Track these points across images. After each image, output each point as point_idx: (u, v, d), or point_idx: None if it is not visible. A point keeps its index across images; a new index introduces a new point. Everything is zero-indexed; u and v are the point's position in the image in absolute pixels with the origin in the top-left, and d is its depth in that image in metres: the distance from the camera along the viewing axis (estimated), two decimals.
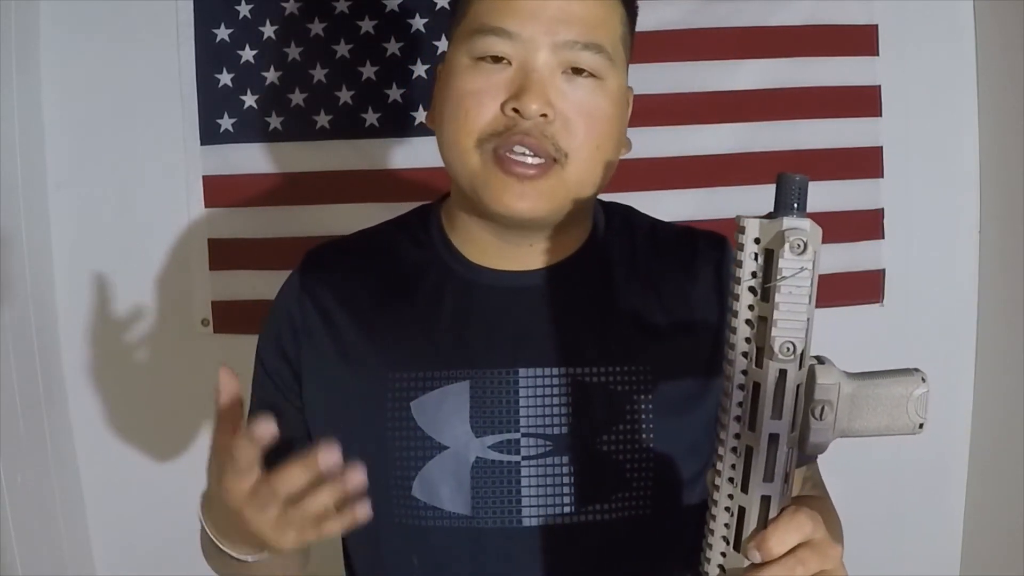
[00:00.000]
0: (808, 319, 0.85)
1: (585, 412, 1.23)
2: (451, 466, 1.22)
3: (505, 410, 1.22)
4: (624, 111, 1.26)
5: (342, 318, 1.30)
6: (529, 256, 1.28)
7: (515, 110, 1.14)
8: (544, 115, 1.14)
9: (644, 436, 1.23)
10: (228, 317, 2.25)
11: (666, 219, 1.41)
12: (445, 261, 1.31)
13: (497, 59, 1.17)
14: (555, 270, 1.29)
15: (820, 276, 0.85)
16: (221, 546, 1.17)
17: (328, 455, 1.01)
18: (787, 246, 0.82)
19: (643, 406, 1.23)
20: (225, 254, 2.24)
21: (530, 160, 1.16)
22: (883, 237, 2.27)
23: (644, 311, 1.28)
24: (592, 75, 1.17)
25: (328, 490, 1.02)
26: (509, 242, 1.26)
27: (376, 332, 1.28)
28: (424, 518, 1.23)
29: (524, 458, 1.22)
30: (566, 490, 1.22)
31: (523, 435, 1.22)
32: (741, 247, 0.87)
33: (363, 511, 1.03)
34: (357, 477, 1.02)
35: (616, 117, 1.22)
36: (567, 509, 1.22)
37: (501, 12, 1.16)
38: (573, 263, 1.30)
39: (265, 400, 1.37)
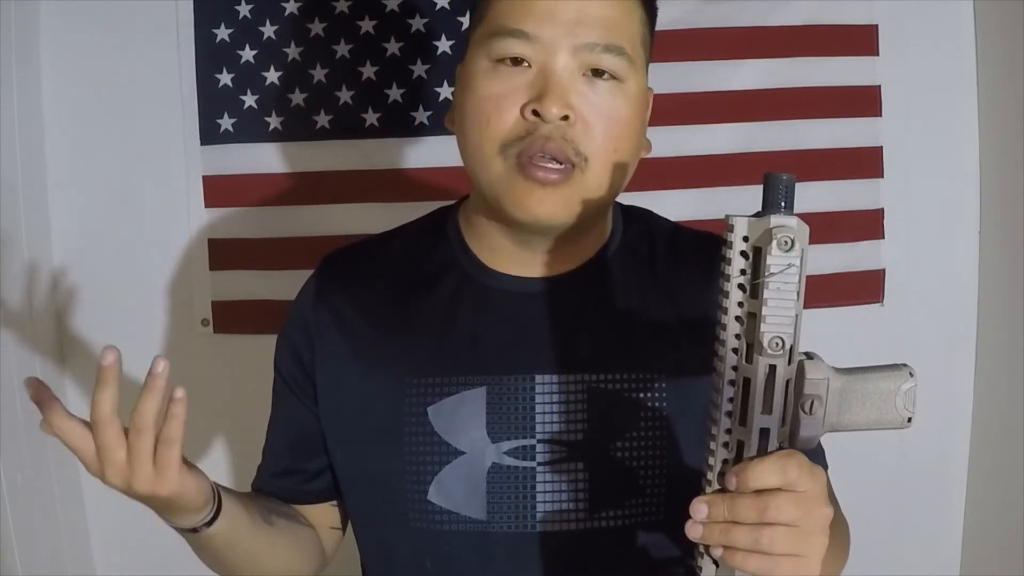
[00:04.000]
0: (796, 315, 0.86)
1: (600, 419, 1.23)
2: (467, 471, 1.23)
3: (521, 416, 1.23)
4: (644, 113, 1.26)
5: (359, 323, 1.31)
6: (547, 262, 1.28)
7: (535, 113, 1.13)
8: (565, 117, 1.14)
9: (658, 443, 1.23)
10: (228, 317, 2.25)
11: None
12: (463, 266, 1.31)
13: (516, 61, 1.16)
14: (572, 276, 1.28)
15: (820, 276, 0.86)
16: (176, 527, 1.20)
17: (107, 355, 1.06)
18: (775, 243, 0.84)
19: (657, 413, 1.23)
20: (225, 254, 2.24)
21: (552, 166, 1.15)
22: (883, 237, 2.26)
23: (660, 318, 1.27)
24: (612, 77, 1.17)
25: (147, 395, 1.09)
26: (527, 247, 1.26)
27: (393, 337, 1.29)
28: (439, 522, 1.23)
29: (539, 464, 1.22)
30: (580, 496, 1.22)
31: (538, 441, 1.22)
32: (730, 245, 0.88)
33: (178, 392, 1.08)
34: (158, 364, 1.08)
35: (635, 119, 1.21)
36: (581, 515, 1.22)
37: (519, 13, 1.16)
38: (590, 269, 1.29)
39: (284, 405, 1.39)
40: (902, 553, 2.31)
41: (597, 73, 1.16)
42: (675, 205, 2.16)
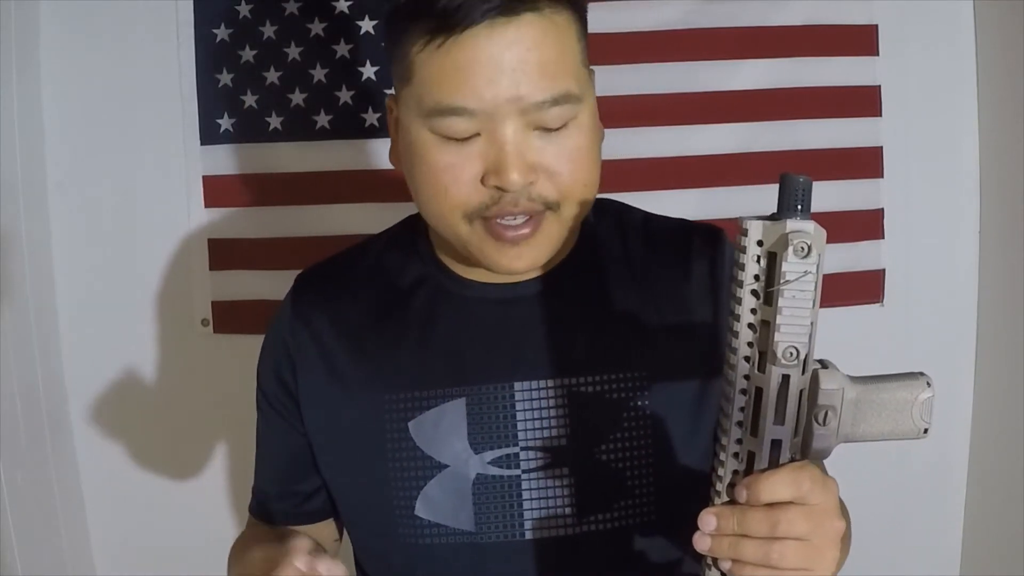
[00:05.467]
0: (812, 323, 0.84)
1: (582, 422, 1.21)
2: (452, 484, 1.22)
3: (502, 425, 1.21)
4: (597, 124, 1.20)
5: (336, 342, 1.29)
6: None
7: (497, 186, 1.09)
8: (529, 181, 1.10)
9: (643, 443, 1.22)
10: (228, 317, 2.25)
11: None
12: (435, 277, 1.29)
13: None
14: (546, 279, 1.26)
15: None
16: None
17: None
18: (791, 249, 0.81)
19: (640, 412, 1.22)
20: (225, 254, 2.23)
21: (521, 222, 1.12)
22: (883, 237, 2.27)
23: (638, 314, 1.25)
24: (564, 123, 1.11)
25: None
26: None
27: (370, 353, 1.27)
28: (428, 536, 1.23)
29: (524, 472, 1.21)
30: (567, 501, 1.21)
31: (522, 449, 1.21)
32: (743, 250, 0.86)
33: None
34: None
35: (594, 144, 1.17)
36: (569, 520, 1.21)
37: (454, 86, 1.07)
38: (564, 269, 1.27)
39: (271, 429, 1.37)
40: (902, 553, 2.31)
41: (548, 126, 1.10)
42: (675, 205, 2.15)
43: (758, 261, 0.86)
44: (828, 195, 2.22)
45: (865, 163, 2.25)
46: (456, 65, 1.06)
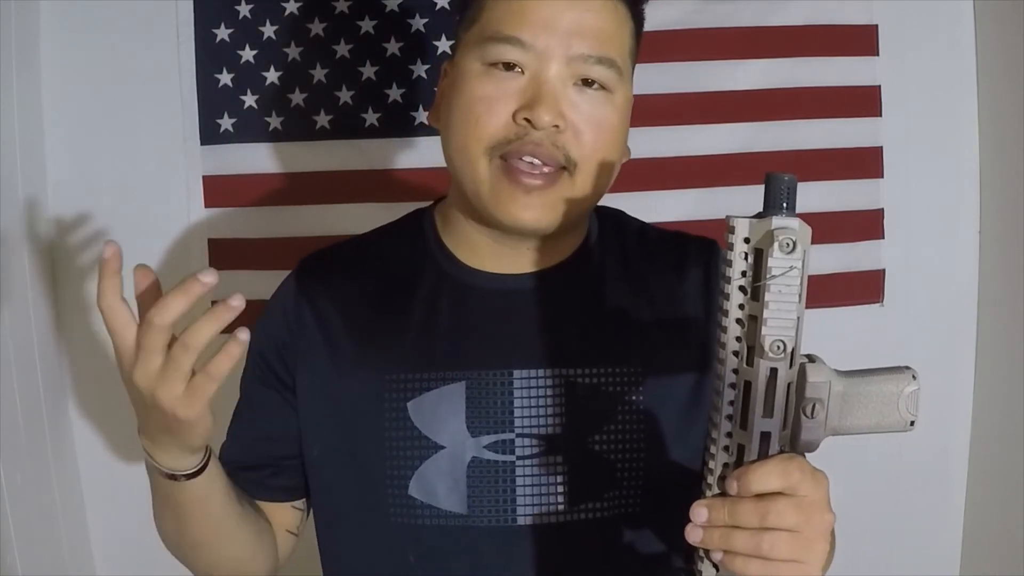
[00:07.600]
0: (798, 318, 0.86)
1: (577, 412, 1.24)
2: (447, 465, 1.24)
3: (500, 411, 1.24)
4: (628, 121, 1.27)
5: (338, 322, 1.32)
6: (524, 260, 1.29)
7: (527, 120, 1.15)
8: (556, 126, 1.16)
9: (635, 435, 1.25)
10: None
11: (665, 219, 1.42)
12: (440, 264, 1.32)
13: (509, 66, 1.18)
14: (549, 274, 1.30)
15: (820, 276, 0.85)
16: (159, 466, 1.15)
17: (207, 276, 1.00)
18: (776, 245, 0.83)
19: (634, 406, 1.25)
20: (225, 254, 2.23)
21: (538, 171, 1.17)
22: (883, 237, 2.27)
23: (634, 313, 1.29)
24: (602, 87, 1.19)
25: (209, 320, 1.01)
26: (505, 246, 1.28)
27: (372, 335, 1.30)
28: (421, 517, 1.24)
29: (519, 458, 1.24)
30: (559, 489, 1.24)
31: (517, 435, 1.24)
32: (731, 247, 0.88)
33: (243, 334, 1.01)
34: (236, 299, 1.00)
35: (621, 128, 1.24)
36: (560, 508, 1.24)
37: (516, 21, 1.17)
38: (566, 267, 1.31)
39: (260, 399, 1.38)
40: (902, 553, 2.31)
41: (588, 83, 1.18)
42: (675, 205, 2.17)
43: (745, 258, 0.88)
44: (828, 195, 2.23)
45: (865, 163, 2.26)
46: (523, 7, 1.18)
